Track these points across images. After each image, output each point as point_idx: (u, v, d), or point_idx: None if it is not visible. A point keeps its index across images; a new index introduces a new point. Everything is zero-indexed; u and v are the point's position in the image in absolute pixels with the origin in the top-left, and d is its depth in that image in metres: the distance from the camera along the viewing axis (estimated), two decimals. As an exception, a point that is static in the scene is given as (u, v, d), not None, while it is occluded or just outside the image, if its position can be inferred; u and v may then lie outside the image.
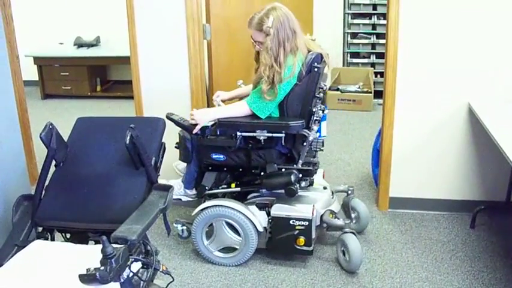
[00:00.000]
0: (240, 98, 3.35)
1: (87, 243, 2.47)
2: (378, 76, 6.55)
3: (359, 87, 6.46)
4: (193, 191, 3.26)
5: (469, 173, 3.58)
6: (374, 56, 6.66)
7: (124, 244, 1.84)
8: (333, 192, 3.29)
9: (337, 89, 6.44)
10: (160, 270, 2.16)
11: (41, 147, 2.56)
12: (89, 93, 7.23)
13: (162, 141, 2.71)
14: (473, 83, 3.38)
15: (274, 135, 2.92)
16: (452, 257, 3.16)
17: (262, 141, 2.95)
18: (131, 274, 1.88)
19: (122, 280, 1.81)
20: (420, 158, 3.61)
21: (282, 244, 3.01)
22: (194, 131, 3.02)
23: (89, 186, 2.47)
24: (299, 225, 2.93)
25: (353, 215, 3.38)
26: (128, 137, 2.30)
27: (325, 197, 3.18)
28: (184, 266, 3.13)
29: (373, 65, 6.70)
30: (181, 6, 3.58)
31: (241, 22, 3.95)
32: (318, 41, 4.68)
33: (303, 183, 3.07)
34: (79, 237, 2.50)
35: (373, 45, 6.64)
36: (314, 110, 3.01)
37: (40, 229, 2.51)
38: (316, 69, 2.91)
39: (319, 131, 3.19)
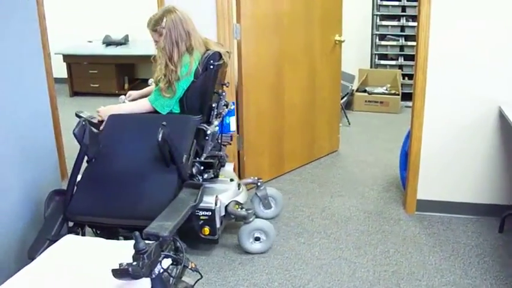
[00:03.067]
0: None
1: (117, 239, 2.50)
2: (406, 78, 6.51)
3: (386, 89, 6.42)
4: None
5: (498, 177, 3.54)
6: (402, 58, 6.60)
7: (156, 240, 1.87)
8: (239, 185, 3.39)
9: (365, 91, 6.41)
10: (189, 267, 2.18)
11: (70, 144, 2.59)
12: (117, 91, 7.26)
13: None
14: (505, 86, 3.34)
15: None
16: (480, 261, 3.13)
17: None
18: (162, 270, 1.90)
19: (153, 276, 1.84)
20: (449, 160, 3.58)
21: (187, 234, 3.08)
22: (101, 128, 3.06)
23: (120, 183, 2.50)
24: (203, 215, 3.04)
25: (272, 203, 3.66)
26: (160, 135, 2.33)
27: (231, 188, 3.29)
28: (211, 264, 3.15)
29: (400, 67, 6.65)
30: (213, 5, 3.62)
31: (270, 22, 3.99)
32: (346, 42, 4.71)
33: (206, 175, 3.15)
34: (109, 232, 2.54)
35: (401, 47, 6.59)
36: (214, 105, 3.21)
37: (71, 224, 2.55)
38: (211, 67, 3.08)
39: (227, 125, 3.34)
